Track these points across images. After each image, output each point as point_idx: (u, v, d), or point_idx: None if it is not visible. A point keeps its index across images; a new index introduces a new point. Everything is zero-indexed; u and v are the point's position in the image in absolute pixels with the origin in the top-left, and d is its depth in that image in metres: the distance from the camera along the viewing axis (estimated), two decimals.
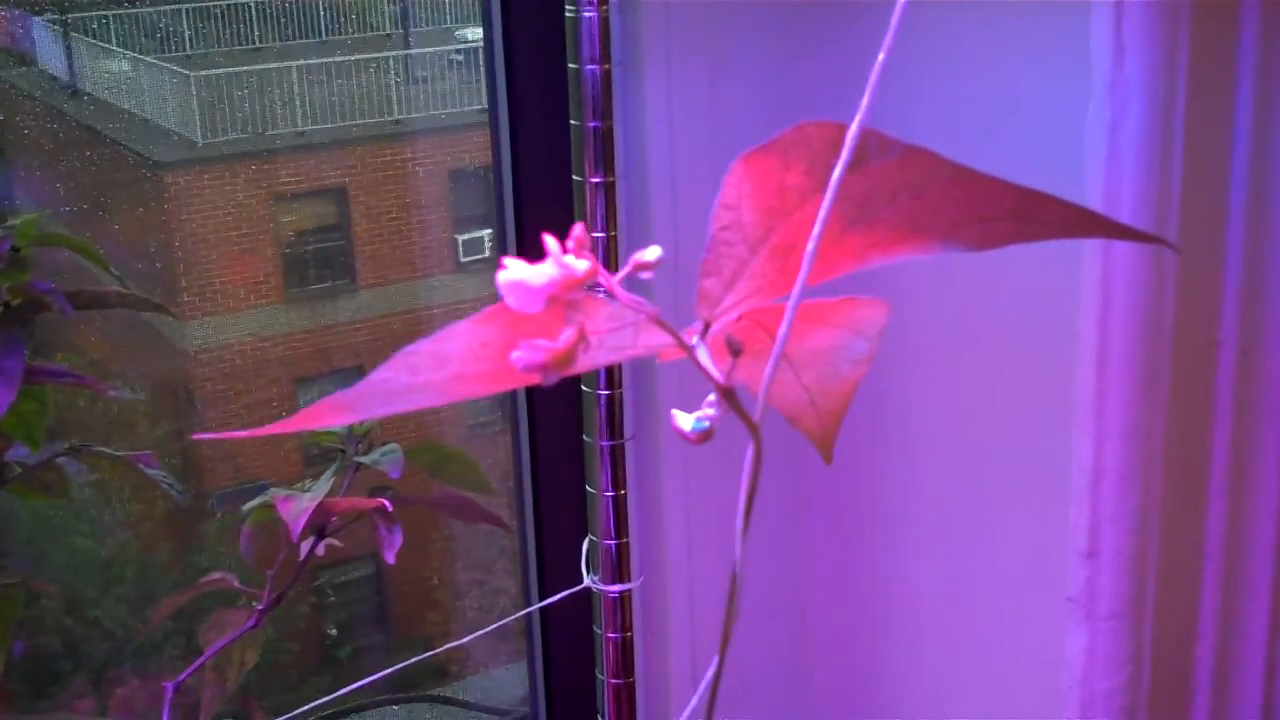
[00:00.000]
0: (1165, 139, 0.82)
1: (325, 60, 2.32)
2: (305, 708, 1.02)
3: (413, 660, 1.03)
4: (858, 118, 0.44)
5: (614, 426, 0.95)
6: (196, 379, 2.37)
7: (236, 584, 0.86)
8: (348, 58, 2.35)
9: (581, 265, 0.44)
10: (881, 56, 0.44)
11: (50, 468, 0.83)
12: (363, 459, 0.86)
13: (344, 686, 1.61)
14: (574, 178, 0.92)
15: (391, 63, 2.39)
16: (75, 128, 2.15)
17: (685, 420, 0.47)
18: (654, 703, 1.15)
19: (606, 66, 0.90)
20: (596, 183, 0.91)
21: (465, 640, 1.04)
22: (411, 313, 2.42)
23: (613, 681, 0.99)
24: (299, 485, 0.86)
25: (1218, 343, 0.88)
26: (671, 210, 1.03)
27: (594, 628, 1.00)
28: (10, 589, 0.85)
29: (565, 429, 1.04)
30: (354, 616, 2.59)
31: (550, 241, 0.45)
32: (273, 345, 2.43)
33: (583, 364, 0.48)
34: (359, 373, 0.50)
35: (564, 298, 0.44)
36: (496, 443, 1.71)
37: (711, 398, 0.47)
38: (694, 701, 0.61)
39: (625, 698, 0.99)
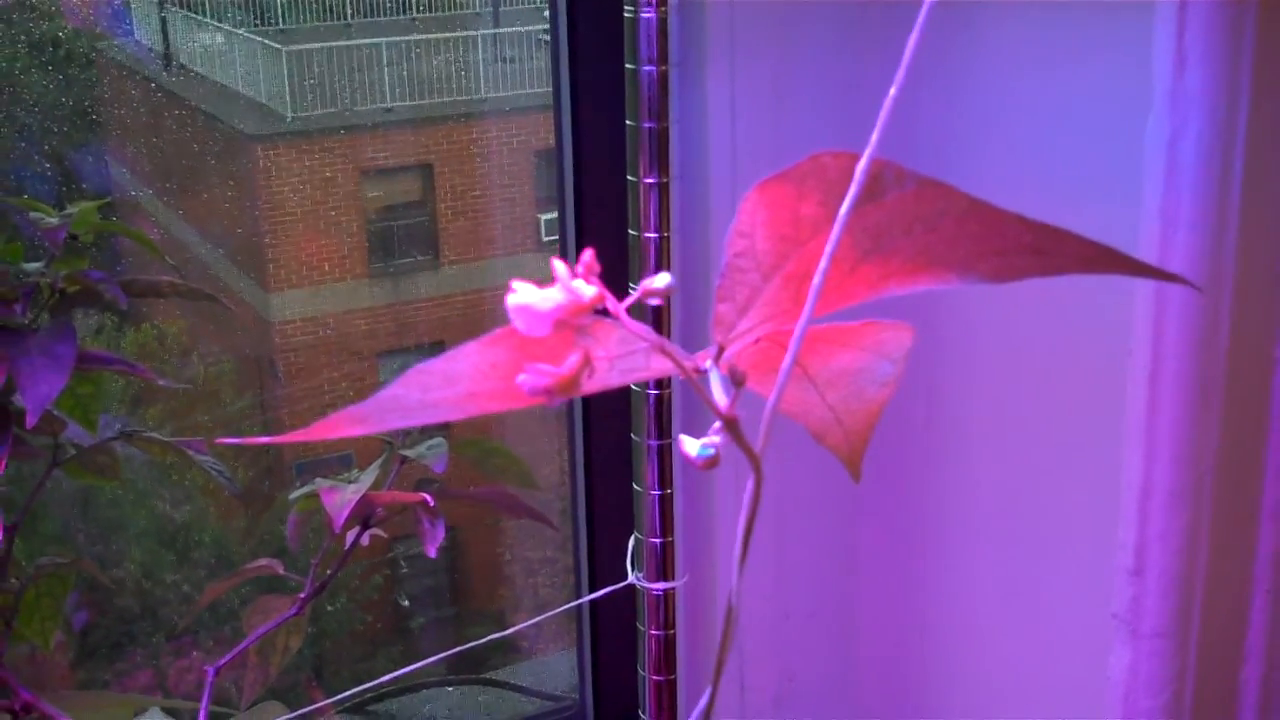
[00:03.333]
0: (1225, 152, 0.81)
1: (414, 38, 2.34)
2: (352, 691, 1.04)
3: (456, 650, 1.04)
4: (867, 152, 0.44)
5: (662, 426, 0.96)
6: (280, 350, 2.40)
7: (280, 571, 0.87)
8: (437, 35, 2.36)
9: (588, 291, 0.44)
10: (893, 91, 0.44)
11: (103, 450, 0.84)
12: (408, 452, 0.87)
13: (415, 658, 1.62)
14: (629, 178, 0.92)
15: (480, 41, 2.40)
16: (169, 99, 2.18)
17: (692, 446, 0.47)
18: (698, 701, 1.15)
19: (664, 68, 0.90)
20: (650, 183, 0.91)
21: (508, 633, 1.05)
22: (492, 290, 2.42)
23: (654, 678, 1.00)
24: (345, 475, 0.87)
25: (1274, 361, 0.86)
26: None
27: (637, 624, 1.01)
28: (62, 568, 0.87)
29: (619, 426, 1.05)
30: (427, 589, 2.62)
31: (558, 266, 0.45)
32: (356, 319, 2.45)
33: (595, 386, 0.49)
34: (440, 348, 0.51)
35: (572, 322, 0.44)
36: None
37: (719, 424, 0.48)
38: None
39: (666, 695, 1.00)
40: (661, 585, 0.98)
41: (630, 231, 0.94)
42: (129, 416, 2.13)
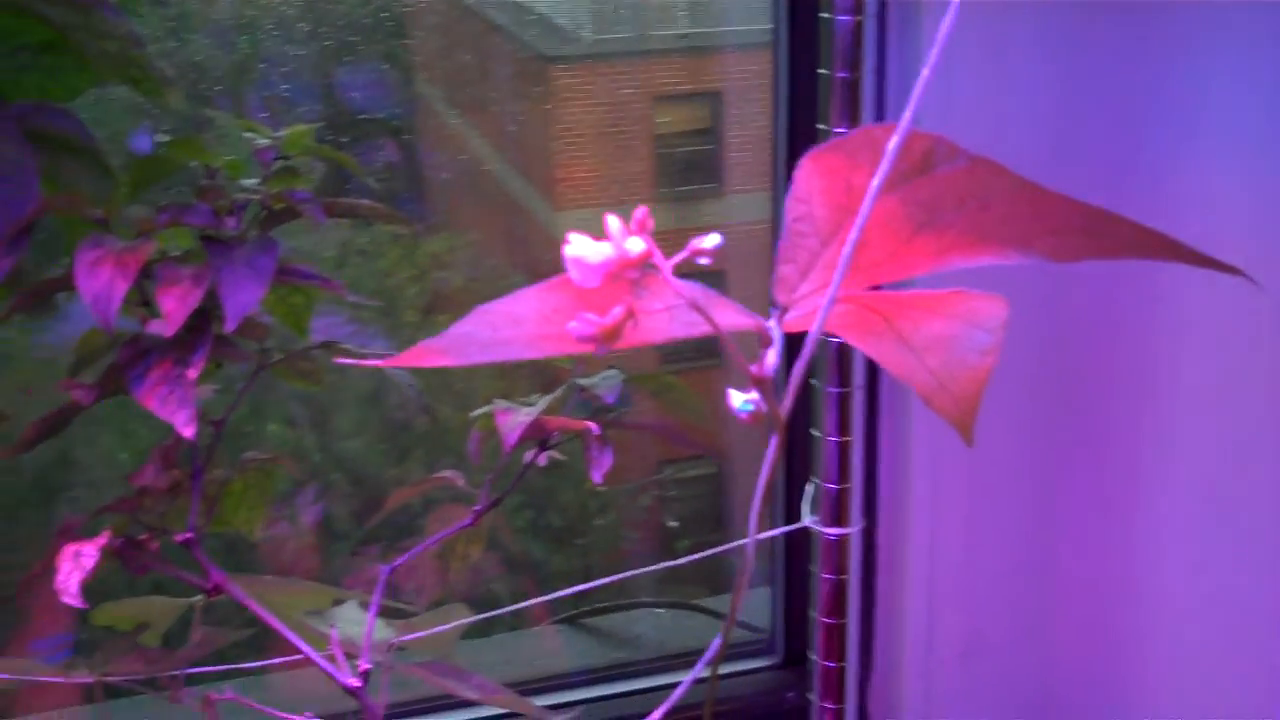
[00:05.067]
0: None
1: None
2: (535, 601, 1.08)
3: (629, 574, 1.08)
4: (901, 125, 0.45)
5: (843, 373, 0.97)
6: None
7: (461, 483, 0.92)
8: None
9: (636, 247, 0.46)
10: (925, 73, 0.44)
11: (307, 358, 0.90)
12: (584, 382, 0.90)
13: (676, 579, 1.66)
14: (819, 126, 0.93)
15: None
16: (471, 18, 2.25)
17: (736, 399, 0.49)
18: (890, 647, 1.17)
19: (859, 19, 0.90)
20: (840, 133, 0.92)
21: (685, 561, 1.09)
22: (771, 222, 2.43)
23: (824, 620, 1.01)
24: (527, 399, 0.91)
25: None
26: None
27: (810, 567, 1.02)
28: (267, 463, 0.93)
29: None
30: (694, 512, 2.66)
31: (612, 221, 0.47)
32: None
33: (659, 335, 0.51)
34: (718, 277, 0.54)
35: (623, 275, 0.47)
36: None
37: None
38: (699, 665, 0.63)
39: (835, 638, 1.01)
40: (835, 530, 0.99)
41: None
42: (421, 321, 2.23)
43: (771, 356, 0.49)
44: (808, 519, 1.01)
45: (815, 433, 1.00)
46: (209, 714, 0.84)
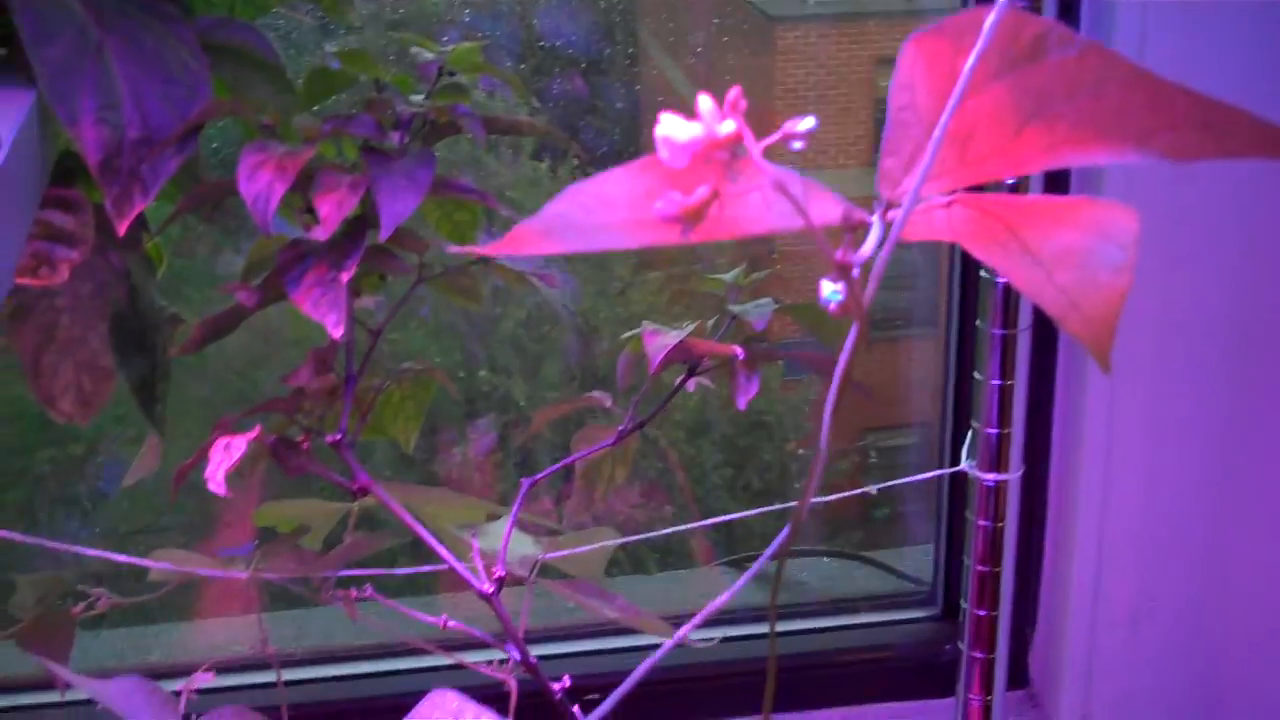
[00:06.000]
0: None
1: None
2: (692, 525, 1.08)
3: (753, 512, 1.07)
4: (998, 4, 0.43)
5: (1008, 315, 0.94)
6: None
7: (608, 404, 0.92)
8: None
9: (726, 128, 0.46)
10: None
11: (465, 274, 0.91)
12: (736, 308, 0.89)
13: (877, 544, 1.65)
14: None
15: None
16: None
17: (826, 289, 0.48)
18: (1054, 603, 1.14)
19: None
20: None
21: (823, 499, 1.07)
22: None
23: (978, 568, 0.99)
24: (679, 324, 0.91)
25: None
26: None
27: (966, 514, 1.00)
28: (422, 374, 0.95)
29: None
30: (892, 479, 2.63)
31: (704, 100, 0.46)
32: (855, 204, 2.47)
33: (757, 225, 0.50)
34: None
35: (714, 157, 0.46)
36: None
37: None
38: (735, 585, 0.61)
39: (990, 586, 0.99)
40: (993, 476, 0.97)
41: None
42: (631, 277, 2.23)
43: (868, 246, 0.48)
44: (965, 464, 0.99)
45: (978, 376, 0.97)
46: (349, 611, 0.86)
